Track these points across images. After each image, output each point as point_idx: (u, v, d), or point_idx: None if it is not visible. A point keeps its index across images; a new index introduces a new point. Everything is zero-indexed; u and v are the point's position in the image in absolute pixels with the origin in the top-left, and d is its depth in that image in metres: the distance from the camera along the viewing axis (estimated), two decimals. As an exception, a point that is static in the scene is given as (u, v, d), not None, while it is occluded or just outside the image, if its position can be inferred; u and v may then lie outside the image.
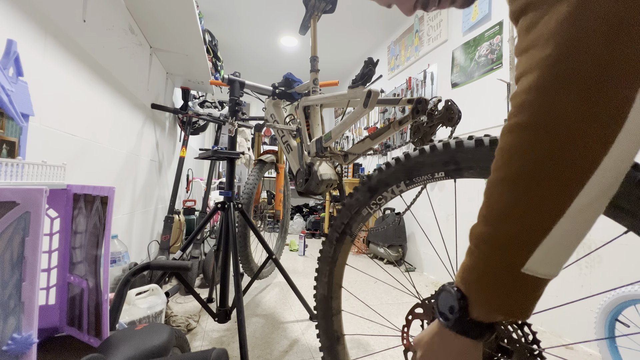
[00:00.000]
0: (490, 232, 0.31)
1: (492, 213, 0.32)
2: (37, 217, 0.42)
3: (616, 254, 1.25)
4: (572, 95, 0.26)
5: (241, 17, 3.12)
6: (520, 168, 0.29)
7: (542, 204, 0.28)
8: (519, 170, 0.29)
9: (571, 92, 0.26)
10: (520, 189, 0.29)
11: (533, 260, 0.29)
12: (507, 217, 0.30)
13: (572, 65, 0.26)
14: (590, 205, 0.28)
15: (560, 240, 0.28)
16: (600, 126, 0.26)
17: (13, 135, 0.61)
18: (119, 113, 1.37)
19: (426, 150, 0.55)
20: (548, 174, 0.28)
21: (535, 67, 0.28)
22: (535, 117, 0.28)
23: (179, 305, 1.52)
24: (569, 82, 0.26)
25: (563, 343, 1.37)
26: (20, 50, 0.61)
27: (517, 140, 0.29)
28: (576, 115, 0.26)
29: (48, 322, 0.62)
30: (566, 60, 0.26)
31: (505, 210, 0.30)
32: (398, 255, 2.65)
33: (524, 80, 0.29)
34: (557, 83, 0.27)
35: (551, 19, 0.27)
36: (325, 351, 0.76)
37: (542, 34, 0.28)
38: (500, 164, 0.31)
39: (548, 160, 0.28)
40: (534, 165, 0.28)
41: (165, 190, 2.25)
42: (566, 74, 0.26)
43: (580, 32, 0.26)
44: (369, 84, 0.91)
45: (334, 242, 0.71)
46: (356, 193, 0.66)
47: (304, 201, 4.99)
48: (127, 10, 1.38)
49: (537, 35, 0.28)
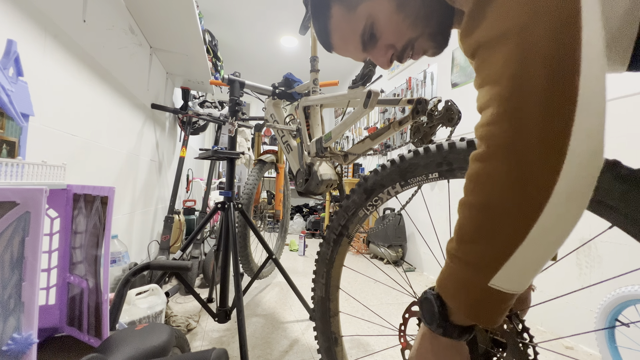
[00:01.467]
0: (463, 249, 0.35)
1: (462, 233, 0.35)
2: (37, 217, 0.42)
3: (616, 254, 1.25)
4: (523, 129, 0.29)
5: (241, 17, 3.12)
6: (486, 197, 0.32)
7: (505, 230, 0.31)
8: (485, 199, 0.32)
9: (521, 126, 0.29)
10: (486, 216, 0.32)
11: (498, 278, 0.32)
12: (475, 239, 0.33)
13: (518, 101, 0.29)
14: (549, 230, 0.30)
15: (523, 262, 0.31)
16: (548, 156, 0.28)
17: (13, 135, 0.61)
18: (119, 113, 1.37)
19: (420, 152, 0.56)
20: (509, 204, 0.31)
21: (490, 102, 0.32)
22: (494, 149, 0.31)
23: (179, 305, 1.52)
24: (519, 117, 0.29)
25: (563, 343, 1.37)
26: (20, 50, 0.61)
27: (482, 170, 0.33)
28: (526, 148, 0.29)
29: (48, 322, 0.62)
30: (513, 97, 0.30)
31: (474, 232, 0.34)
32: (398, 255, 2.65)
33: (484, 114, 0.33)
34: (509, 118, 0.30)
35: (498, 58, 0.31)
36: (324, 353, 0.76)
37: (493, 71, 0.31)
38: (470, 190, 0.34)
39: (508, 191, 0.30)
40: (497, 195, 0.31)
41: (165, 190, 2.25)
42: (515, 109, 0.29)
43: (523, 71, 0.29)
44: (369, 84, 0.91)
45: (331, 244, 0.71)
46: (353, 195, 0.67)
47: (304, 201, 4.99)
48: (127, 10, 1.38)
49: (489, 72, 0.32)
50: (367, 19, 0.48)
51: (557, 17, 0.28)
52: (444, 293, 0.37)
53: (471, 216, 0.34)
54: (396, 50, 0.51)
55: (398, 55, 0.52)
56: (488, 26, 0.32)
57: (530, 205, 0.29)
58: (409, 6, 0.47)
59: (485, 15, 0.32)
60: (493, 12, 0.32)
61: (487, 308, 0.34)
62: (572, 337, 1.38)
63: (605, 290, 1.08)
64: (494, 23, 0.32)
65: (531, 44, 0.29)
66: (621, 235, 0.37)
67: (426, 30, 0.49)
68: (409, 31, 0.49)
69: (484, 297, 0.33)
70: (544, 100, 0.28)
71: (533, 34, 0.29)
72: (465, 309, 0.35)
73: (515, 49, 0.29)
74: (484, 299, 0.33)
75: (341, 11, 0.49)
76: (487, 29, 0.32)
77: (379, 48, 0.52)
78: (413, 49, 0.51)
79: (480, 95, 0.34)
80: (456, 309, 0.36)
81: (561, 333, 1.43)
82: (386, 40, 0.50)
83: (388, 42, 0.51)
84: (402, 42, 0.50)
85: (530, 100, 0.28)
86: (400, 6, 0.47)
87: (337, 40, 0.53)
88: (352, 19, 0.49)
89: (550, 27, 0.28)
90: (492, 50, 0.32)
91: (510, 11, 0.30)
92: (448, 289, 0.37)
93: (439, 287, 0.38)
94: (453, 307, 0.37)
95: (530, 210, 0.29)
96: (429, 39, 0.50)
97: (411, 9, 0.47)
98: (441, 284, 0.38)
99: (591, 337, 1.18)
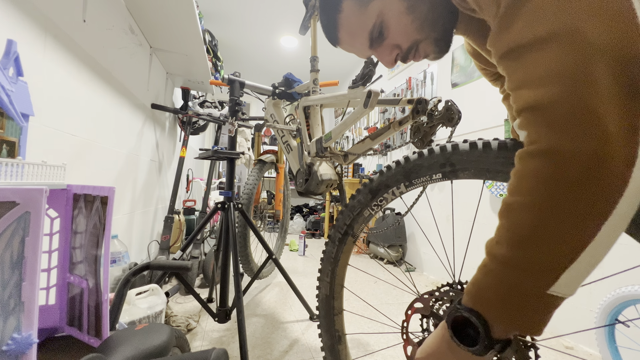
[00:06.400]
0: (516, 255, 0.32)
1: (515, 237, 0.32)
2: (37, 217, 0.42)
3: (616, 254, 1.25)
4: (590, 125, 0.27)
5: (241, 17, 3.12)
6: (546, 196, 0.30)
7: (572, 232, 0.29)
8: (545, 198, 0.30)
9: (589, 123, 0.27)
10: (546, 217, 0.30)
11: (559, 283, 0.30)
12: (533, 243, 0.31)
13: (585, 97, 0.28)
14: (617, 228, 0.28)
15: (586, 264, 0.30)
16: (623, 150, 0.27)
17: (13, 135, 0.61)
18: (119, 113, 1.37)
19: (424, 153, 0.57)
20: (576, 203, 0.28)
21: (543, 102, 0.30)
22: (559, 146, 0.29)
23: (179, 305, 1.52)
24: (589, 113, 0.28)
25: (563, 343, 1.37)
26: (20, 50, 0.61)
27: (540, 167, 0.30)
28: (600, 144, 0.27)
29: (48, 322, 0.62)
30: (578, 93, 0.28)
31: (532, 236, 0.31)
32: (398, 255, 2.65)
33: (535, 114, 0.31)
34: (577, 115, 0.28)
35: (546, 58, 0.30)
36: (327, 350, 0.76)
37: (542, 71, 0.30)
38: (524, 190, 0.31)
39: (578, 189, 0.28)
40: (561, 194, 0.29)
41: (165, 190, 2.25)
42: (583, 106, 0.28)
43: (579, 67, 0.28)
44: (369, 84, 0.91)
45: (337, 243, 0.71)
46: (358, 195, 0.67)
47: (304, 201, 4.99)
48: (127, 10, 1.38)
49: (536, 72, 0.31)
50: (378, 17, 0.49)
51: (607, 11, 0.28)
52: (485, 305, 0.34)
53: (526, 218, 0.31)
54: (401, 50, 0.52)
55: (403, 56, 0.53)
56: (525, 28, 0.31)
57: (604, 202, 0.28)
58: (418, 9, 0.48)
59: (519, 16, 0.32)
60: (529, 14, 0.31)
61: (541, 317, 0.31)
62: (572, 336, 1.38)
63: (605, 290, 1.08)
64: (532, 24, 0.31)
65: (586, 42, 0.28)
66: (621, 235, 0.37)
67: (432, 34, 0.50)
68: (416, 33, 0.50)
69: (539, 306, 0.31)
70: (615, 94, 0.27)
71: (586, 32, 0.28)
72: (516, 319, 0.32)
73: (569, 48, 0.29)
74: (540, 307, 0.31)
75: (352, 6, 0.50)
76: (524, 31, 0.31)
77: (385, 47, 0.53)
78: (417, 51, 0.52)
79: (522, 95, 0.32)
80: (505, 320, 0.33)
81: (561, 333, 1.43)
82: (393, 40, 0.51)
83: (395, 42, 0.52)
84: (408, 43, 0.51)
85: (599, 94, 0.27)
86: (410, 8, 0.48)
87: (344, 35, 0.54)
88: (362, 15, 0.50)
89: (603, 22, 0.28)
90: (536, 51, 0.31)
91: (555, 11, 0.30)
92: (491, 301, 0.33)
93: (476, 300, 0.35)
94: (499, 319, 0.33)
95: (604, 207, 0.28)
96: (433, 44, 0.51)
97: (420, 12, 0.48)
98: (481, 295, 0.34)
99: (591, 337, 1.18)
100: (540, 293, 0.30)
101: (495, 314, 0.34)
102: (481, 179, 0.50)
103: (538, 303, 0.31)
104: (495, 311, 0.33)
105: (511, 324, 0.33)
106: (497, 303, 0.33)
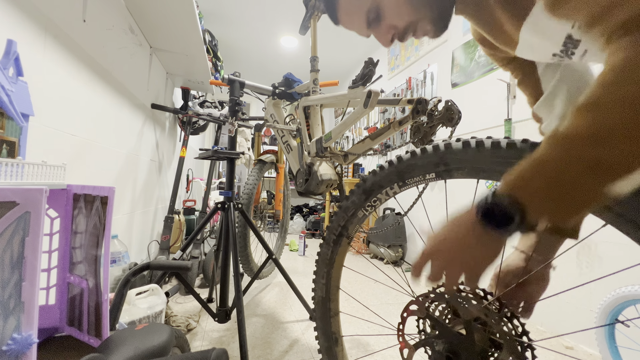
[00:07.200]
0: (595, 154, 0.30)
1: (603, 133, 0.30)
2: (37, 217, 0.42)
3: (616, 254, 1.25)
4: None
5: (241, 17, 3.12)
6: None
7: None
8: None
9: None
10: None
11: (621, 184, 0.30)
12: (622, 141, 0.29)
13: None
14: None
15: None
16: None
17: (13, 135, 0.61)
18: (119, 113, 1.37)
19: (417, 152, 0.56)
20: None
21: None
22: None
23: (179, 305, 1.52)
24: None
25: (563, 343, 1.37)
26: (20, 50, 0.61)
27: None
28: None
29: (48, 322, 0.62)
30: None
31: (622, 132, 0.29)
32: (398, 256, 2.65)
33: None
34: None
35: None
36: (324, 353, 0.76)
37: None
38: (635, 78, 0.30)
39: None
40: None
41: (165, 190, 2.25)
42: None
43: None
44: (369, 84, 0.91)
45: (331, 244, 0.71)
46: (352, 196, 0.67)
47: (304, 201, 4.99)
48: (127, 10, 1.38)
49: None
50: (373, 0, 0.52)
51: None
52: (528, 193, 0.34)
53: (630, 113, 0.29)
54: (398, 30, 0.55)
55: (400, 36, 0.55)
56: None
57: None
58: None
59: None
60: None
61: (583, 213, 0.34)
62: (572, 336, 1.38)
63: (605, 290, 1.08)
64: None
65: None
66: (621, 235, 0.37)
67: (428, 14, 0.52)
68: (412, 14, 0.52)
69: (588, 201, 0.32)
70: None
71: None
72: (561, 211, 0.33)
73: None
74: (587, 202, 0.32)
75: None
76: None
77: (382, 27, 0.55)
78: (415, 31, 0.54)
79: None
80: (542, 212, 0.34)
81: (561, 333, 1.43)
82: (390, 21, 0.54)
83: (391, 23, 0.54)
84: (404, 24, 0.53)
85: None
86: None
87: (343, 15, 0.57)
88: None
89: None
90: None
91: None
92: (538, 189, 0.33)
93: (519, 188, 0.34)
94: (537, 210, 0.34)
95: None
96: (430, 23, 0.53)
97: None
98: (527, 185, 0.34)
99: (591, 337, 1.18)
100: (598, 191, 0.31)
101: (539, 204, 0.33)
102: (476, 179, 0.50)
103: (589, 198, 0.31)
104: (540, 201, 0.33)
105: (554, 214, 0.33)
106: (542, 192, 0.33)
